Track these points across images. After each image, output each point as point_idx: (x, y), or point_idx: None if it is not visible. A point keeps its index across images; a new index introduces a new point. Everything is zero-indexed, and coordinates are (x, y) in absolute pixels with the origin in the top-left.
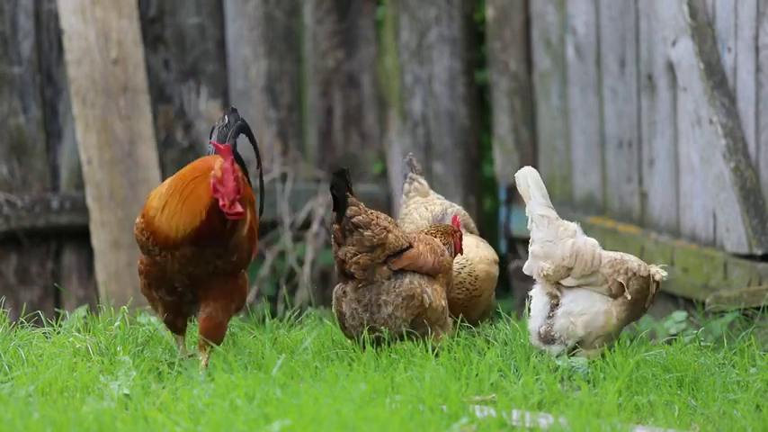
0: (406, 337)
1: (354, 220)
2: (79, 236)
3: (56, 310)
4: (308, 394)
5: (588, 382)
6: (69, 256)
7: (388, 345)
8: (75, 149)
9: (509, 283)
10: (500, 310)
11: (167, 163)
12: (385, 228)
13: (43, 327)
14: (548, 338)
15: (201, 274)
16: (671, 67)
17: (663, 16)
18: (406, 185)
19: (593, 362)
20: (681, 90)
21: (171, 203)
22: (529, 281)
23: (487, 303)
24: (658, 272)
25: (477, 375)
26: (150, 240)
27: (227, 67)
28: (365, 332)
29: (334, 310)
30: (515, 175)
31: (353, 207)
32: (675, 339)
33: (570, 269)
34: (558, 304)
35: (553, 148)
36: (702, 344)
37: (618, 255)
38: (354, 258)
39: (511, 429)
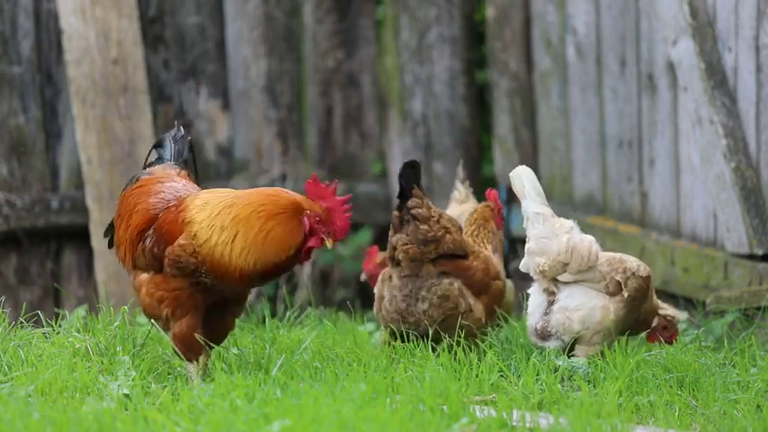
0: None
1: (413, 211)
2: (79, 236)
3: (55, 310)
4: (308, 394)
5: (588, 382)
6: (69, 256)
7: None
8: (75, 149)
9: None
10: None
11: None
12: (444, 227)
13: (43, 327)
14: (544, 334)
15: (239, 292)
16: (671, 67)
17: (663, 16)
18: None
19: (594, 362)
20: (681, 90)
21: (248, 239)
22: (528, 280)
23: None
24: (675, 314)
25: (477, 375)
26: (207, 274)
27: (227, 67)
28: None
29: (375, 290)
30: (510, 174)
31: (416, 199)
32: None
33: (566, 264)
34: (555, 301)
35: (553, 148)
36: (703, 344)
37: (617, 255)
38: (404, 247)
39: (511, 429)
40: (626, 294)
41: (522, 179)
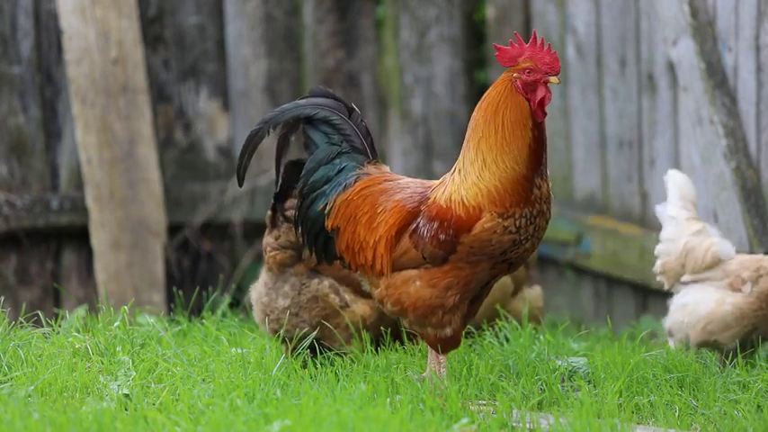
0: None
1: (288, 213)
2: (79, 236)
3: (55, 310)
4: (308, 394)
5: (588, 382)
6: (69, 257)
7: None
8: (75, 149)
9: None
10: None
11: (167, 163)
12: None
13: (43, 327)
14: (669, 333)
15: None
16: (671, 67)
17: (663, 16)
18: None
19: (593, 362)
20: (681, 90)
21: (500, 150)
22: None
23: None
24: None
25: (477, 375)
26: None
27: (227, 67)
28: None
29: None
30: (665, 177)
31: (294, 200)
32: None
33: (684, 266)
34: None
35: (554, 148)
36: None
37: (758, 256)
38: (272, 253)
39: (511, 430)
40: (744, 290)
41: (670, 182)
